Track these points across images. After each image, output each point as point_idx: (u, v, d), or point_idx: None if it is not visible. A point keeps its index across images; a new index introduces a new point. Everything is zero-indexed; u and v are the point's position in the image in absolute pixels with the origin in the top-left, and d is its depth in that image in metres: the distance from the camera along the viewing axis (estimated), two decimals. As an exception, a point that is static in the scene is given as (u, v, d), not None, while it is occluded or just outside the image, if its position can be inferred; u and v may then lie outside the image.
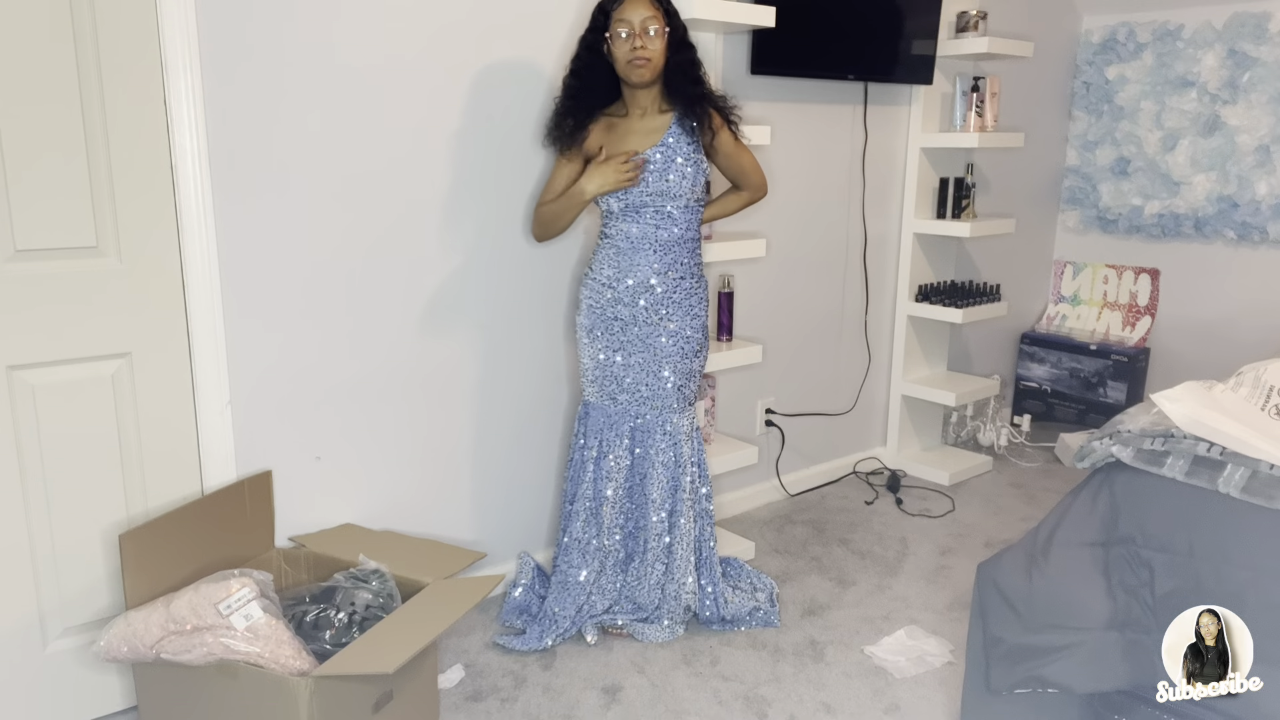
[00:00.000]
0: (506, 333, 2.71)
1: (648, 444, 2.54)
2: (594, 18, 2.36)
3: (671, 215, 2.43)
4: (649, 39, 2.30)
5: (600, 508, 2.55)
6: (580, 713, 2.27)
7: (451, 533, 2.69)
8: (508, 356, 2.73)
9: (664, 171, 2.38)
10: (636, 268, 2.44)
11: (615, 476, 2.54)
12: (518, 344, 2.74)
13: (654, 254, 2.44)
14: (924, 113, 3.62)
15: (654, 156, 2.38)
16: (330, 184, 2.32)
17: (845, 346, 3.72)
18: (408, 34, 2.38)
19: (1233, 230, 4.07)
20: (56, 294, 2.00)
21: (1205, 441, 1.83)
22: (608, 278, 2.47)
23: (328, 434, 2.43)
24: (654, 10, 2.30)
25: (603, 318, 2.50)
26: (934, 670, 2.45)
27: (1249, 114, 3.92)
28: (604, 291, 2.48)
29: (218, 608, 1.86)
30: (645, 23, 2.29)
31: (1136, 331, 4.44)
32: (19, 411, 2.00)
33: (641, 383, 2.51)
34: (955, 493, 3.68)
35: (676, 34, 2.36)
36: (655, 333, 2.47)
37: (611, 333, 2.50)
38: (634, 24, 2.29)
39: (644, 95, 2.40)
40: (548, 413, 2.85)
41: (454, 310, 2.60)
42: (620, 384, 2.52)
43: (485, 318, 2.67)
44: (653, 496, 2.53)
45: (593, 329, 2.52)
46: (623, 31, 2.29)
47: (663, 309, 2.46)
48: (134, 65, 2.01)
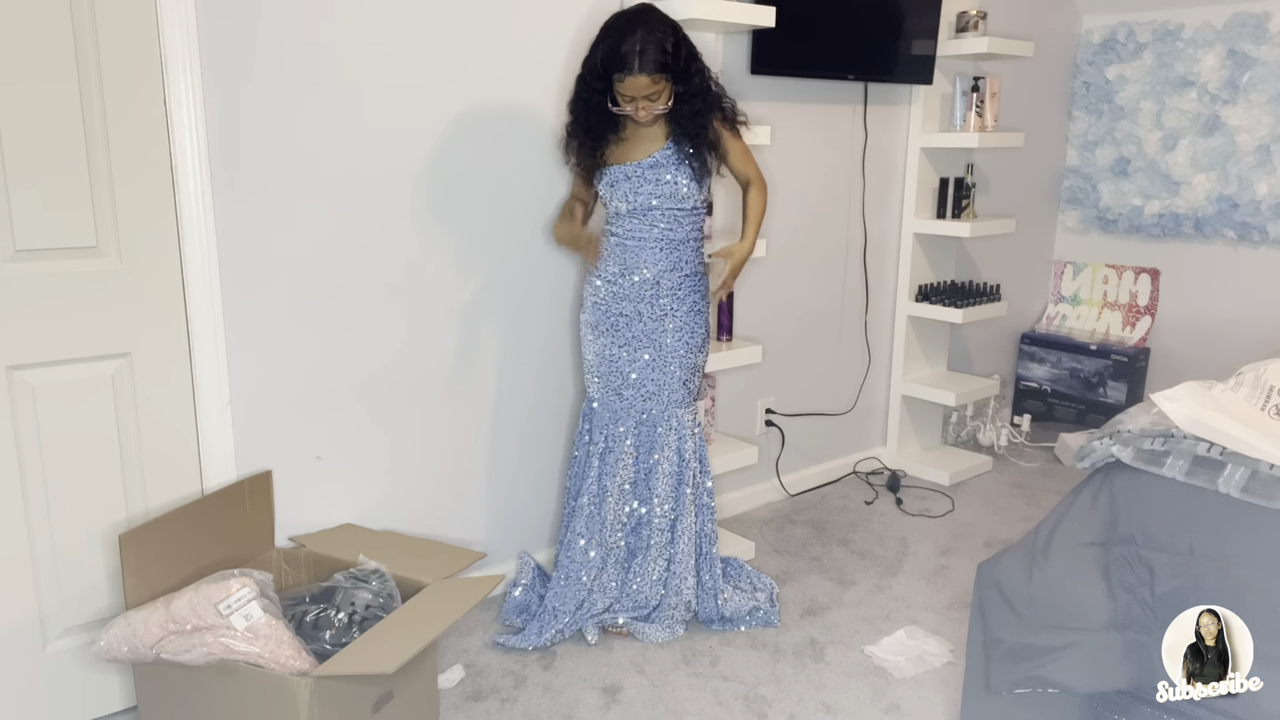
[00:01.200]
0: (508, 333, 2.71)
1: (652, 439, 2.55)
2: (594, 69, 2.31)
3: (675, 217, 2.45)
4: (652, 103, 2.30)
5: (604, 503, 2.56)
6: (580, 713, 2.27)
7: (452, 532, 2.69)
8: (510, 357, 2.73)
9: (661, 178, 2.41)
10: (642, 264, 2.46)
11: (620, 472, 2.55)
12: (520, 344, 2.74)
13: (659, 251, 2.46)
14: (924, 113, 3.62)
15: (654, 162, 2.40)
16: (331, 183, 2.32)
17: (845, 346, 3.72)
18: (408, 34, 2.38)
19: (1233, 230, 4.07)
20: (56, 294, 2.00)
21: (1205, 441, 1.83)
22: (613, 274, 2.49)
23: (328, 434, 2.43)
24: (656, 84, 2.27)
25: (607, 314, 2.51)
26: (934, 670, 2.45)
27: (1249, 114, 3.92)
28: (609, 287, 2.50)
29: (218, 608, 1.86)
30: (648, 95, 2.29)
31: (1136, 331, 4.44)
32: (19, 411, 2.00)
33: (647, 378, 2.52)
34: (955, 493, 3.68)
35: (681, 76, 2.31)
36: (660, 328, 2.49)
37: (617, 329, 2.51)
38: (637, 99, 2.29)
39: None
40: (550, 412, 2.85)
41: (455, 310, 2.60)
42: (625, 379, 2.53)
43: (487, 318, 2.67)
44: (657, 491, 2.54)
45: (598, 325, 2.53)
46: (625, 103, 2.31)
47: (667, 303, 2.48)
48: (134, 65, 2.01)
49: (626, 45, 2.23)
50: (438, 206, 2.51)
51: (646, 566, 2.58)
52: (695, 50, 2.36)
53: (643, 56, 2.22)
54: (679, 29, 2.33)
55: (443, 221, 2.53)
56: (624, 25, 2.27)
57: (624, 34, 2.25)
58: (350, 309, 2.41)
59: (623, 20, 2.30)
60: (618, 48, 2.24)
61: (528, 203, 2.67)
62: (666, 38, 2.26)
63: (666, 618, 2.57)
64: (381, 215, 2.42)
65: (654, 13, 2.32)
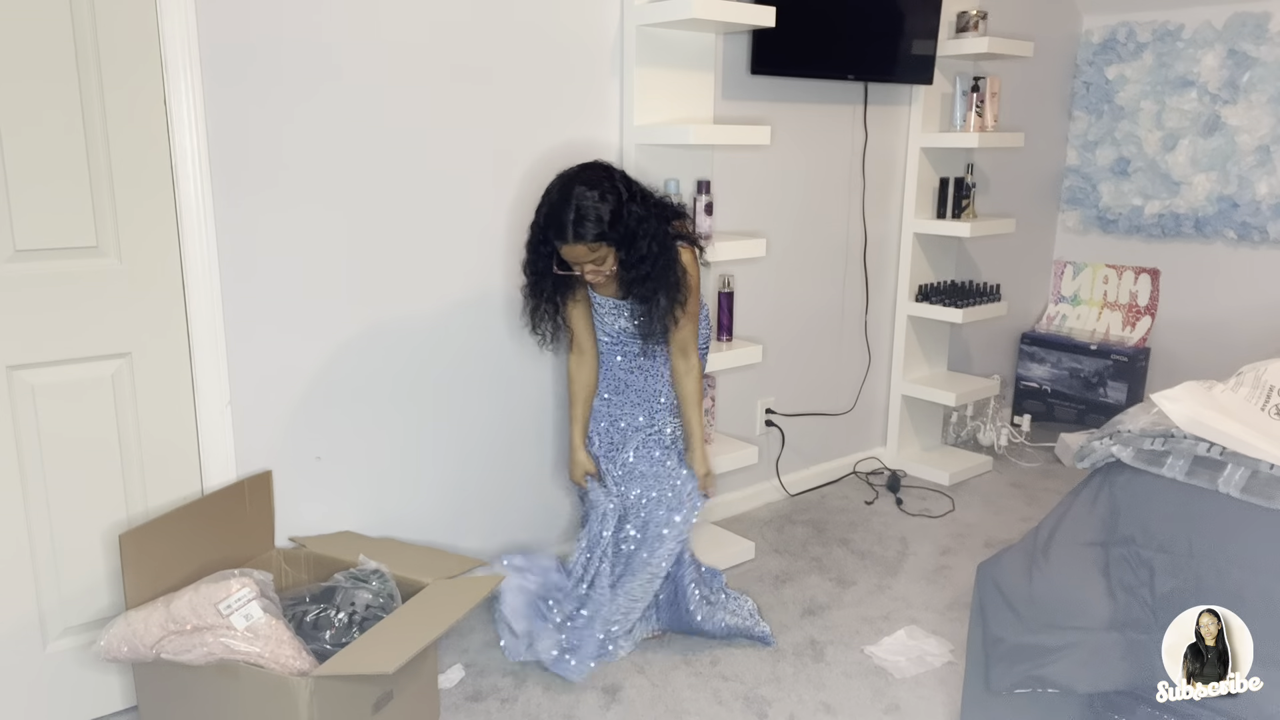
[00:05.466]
0: (510, 333, 2.71)
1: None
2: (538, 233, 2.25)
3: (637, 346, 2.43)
4: (598, 266, 2.22)
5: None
6: (580, 713, 2.27)
7: (452, 531, 2.69)
8: (511, 356, 2.73)
9: (618, 317, 2.40)
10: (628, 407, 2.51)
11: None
12: (522, 344, 2.74)
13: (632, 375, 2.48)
14: (924, 113, 3.62)
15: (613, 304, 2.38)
16: (331, 183, 2.32)
17: (845, 346, 3.72)
18: (408, 34, 2.38)
19: (1233, 230, 4.07)
20: (56, 294, 2.00)
21: (1205, 441, 1.83)
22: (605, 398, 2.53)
23: (328, 434, 2.43)
24: (595, 251, 2.17)
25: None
26: (934, 670, 2.45)
27: (1249, 114, 3.92)
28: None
29: (218, 608, 1.86)
30: (588, 263, 2.21)
31: (1136, 331, 4.44)
32: (19, 412, 2.00)
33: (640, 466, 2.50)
34: (955, 493, 3.68)
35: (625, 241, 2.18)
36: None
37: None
38: (580, 264, 2.22)
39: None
40: (553, 413, 2.85)
41: (456, 310, 2.60)
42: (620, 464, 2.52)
43: (488, 319, 2.67)
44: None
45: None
46: (573, 265, 2.23)
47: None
48: (134, 65, 2.01)
49: (563, 213, 2.14)
50: (439, 206, 2.51)
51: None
52: (644, 210, 2.21)
53: (578, 226, 2.13)
54: (624, 188, 2.19)
55: (445, 222, 2.53)
56: (560, 190, 2.18)
57: (560, 200, 2.16)
58: (351, 309, 2.41)
59: (561, 183, 2.20)
60: (555, 214, 2.16)
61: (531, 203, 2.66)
62: (604, 203, 2.14)
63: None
64: (382, 215, 2.42)
65: (594, 172, 2.20)
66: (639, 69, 2.73)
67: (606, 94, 2.76)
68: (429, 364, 2.58)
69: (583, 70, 2.70)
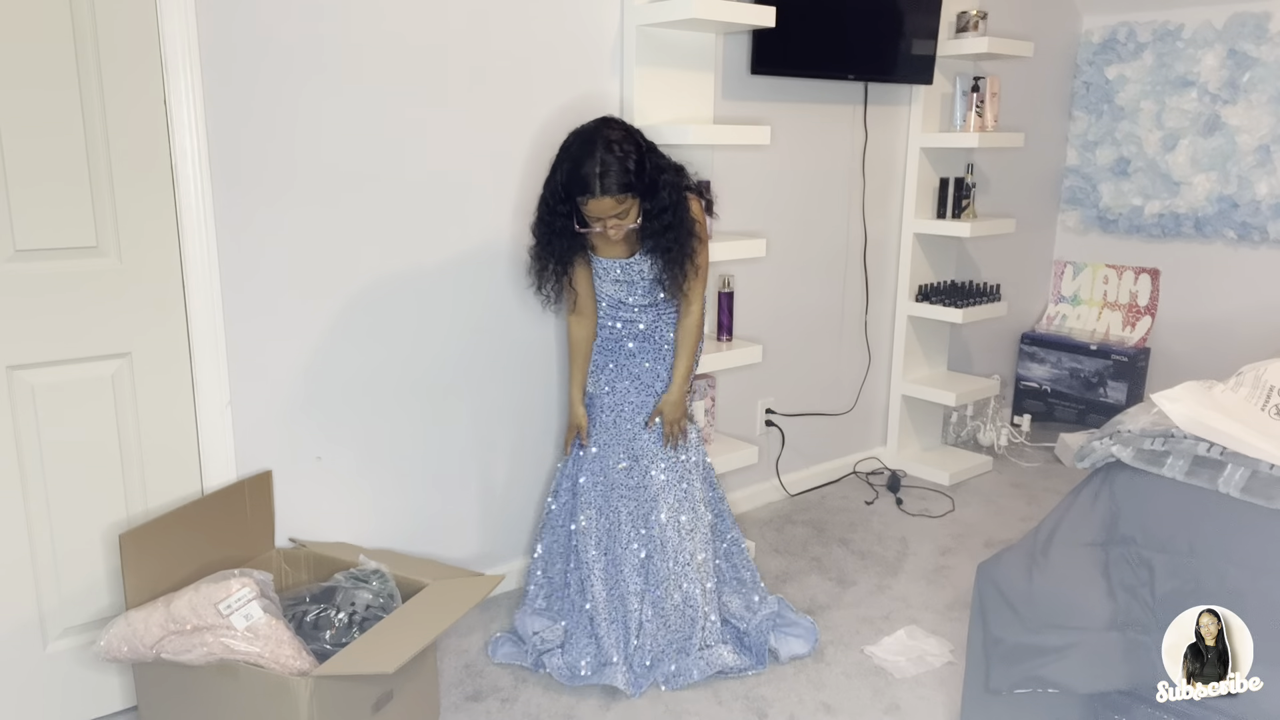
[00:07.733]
0: (511, 333, 2.71)
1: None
2: (555, 191, 2.22)
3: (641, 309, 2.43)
4: (621, 221, 2.21)
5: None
6: (580, 713, 2.27)
7: (453, 531, 2.70)
8: (513, 357, 2.73)
9: (631, 281, 2.38)
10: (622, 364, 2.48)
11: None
12: (524, 345, 2.74)
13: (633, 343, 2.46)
14: (924, 113, 3.62)
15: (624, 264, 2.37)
16: (331, 184, 2.32)
17: (845, 346, 3.72)
18: (409, 34, 2.38)
19: (1233, 230, 4.07)
20: (56, 294, 2.00)
21: (1205, 441, 1.83)
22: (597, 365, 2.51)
23: (328, 434, 2.43)
24: (622, 203, 2.16)
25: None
26: (934, 670, 2.45)
27: (1249, 114, 3.92)
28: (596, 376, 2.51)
29: (218, 608, 1.86)
30: (613, 217, 2.19)
31: (1136, 331, 4.44)
32: (19, 412, 2.00)
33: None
34: (955, 493, 3.68)
35: (648, 191, 2.18)
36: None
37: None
38: (604, 220, 2.19)
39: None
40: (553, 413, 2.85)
41: (456, 311, 2.60)
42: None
43: (489, 320, 2.66)
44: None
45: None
46: (593, 222, 2.21)
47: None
48: (134, 65, 2.01)
49: (587, 167, 2.12)
50: (440, 209, 2.51)
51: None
52: (661, 159, 2.24)
53: (604, 178, 2.11)
54: (641, 141, 2.21)
55: (446, 224, 2.53)
56: (582, 145, 2.16)
57: (583, 155, 2.14)
58: (351, 309, 2.41)
59: (581, 139, 2.18)
60: (578, 170, 2.14)
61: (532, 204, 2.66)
62: (628, 155, 2.14)
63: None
64: (383, 216, 2.42)
65: (613, 128, 2.19)
66: (639, 69, 2.73)
67: (607, 94, 2.76)
68: (430, 364, 2.58)
69: (583, 70, 2.70)
